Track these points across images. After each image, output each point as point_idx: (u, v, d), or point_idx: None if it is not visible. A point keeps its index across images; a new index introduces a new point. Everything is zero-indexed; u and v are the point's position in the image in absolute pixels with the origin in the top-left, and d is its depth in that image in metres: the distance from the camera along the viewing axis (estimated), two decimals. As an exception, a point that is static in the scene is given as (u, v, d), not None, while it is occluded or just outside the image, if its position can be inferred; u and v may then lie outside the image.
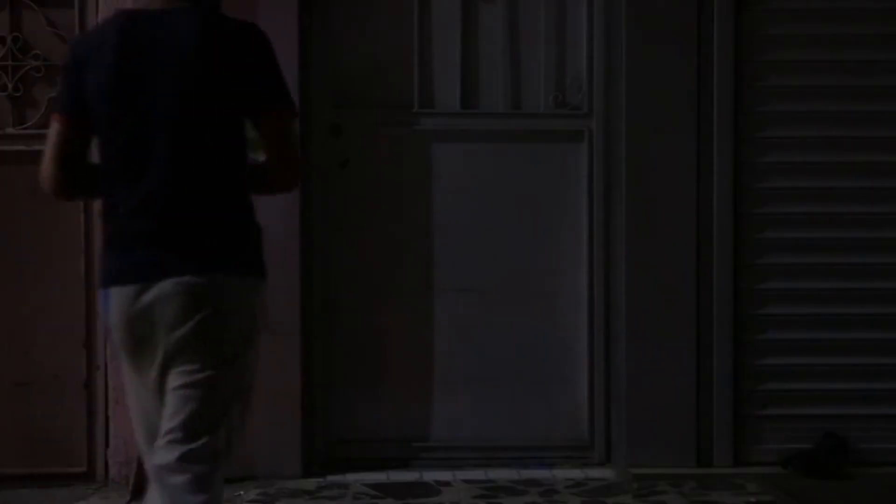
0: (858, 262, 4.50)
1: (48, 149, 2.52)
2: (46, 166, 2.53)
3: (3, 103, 4.34)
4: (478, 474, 4.39)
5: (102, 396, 4.32)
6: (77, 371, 4.33)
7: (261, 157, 2.52)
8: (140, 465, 4.17)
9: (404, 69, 4.62)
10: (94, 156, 2.59)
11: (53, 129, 2.52)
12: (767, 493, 4.14)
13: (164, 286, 2.42)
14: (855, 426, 4.45)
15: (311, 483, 4.30)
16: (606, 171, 4.50)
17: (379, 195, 4.65)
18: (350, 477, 4.34)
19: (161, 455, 2.47)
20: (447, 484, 4.27)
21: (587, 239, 4.55)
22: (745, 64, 4.44)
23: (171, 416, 2.47)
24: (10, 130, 4.34)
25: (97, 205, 3.09)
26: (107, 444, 4.33)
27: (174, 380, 2.47)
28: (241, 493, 4.17)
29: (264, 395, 4.25)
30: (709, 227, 4.41)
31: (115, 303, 2.49)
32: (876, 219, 4.50)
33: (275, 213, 4.28)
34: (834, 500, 4.16)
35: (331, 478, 4.36)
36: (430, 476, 4.33)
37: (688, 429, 4.41)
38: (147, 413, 2.56)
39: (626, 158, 4.41)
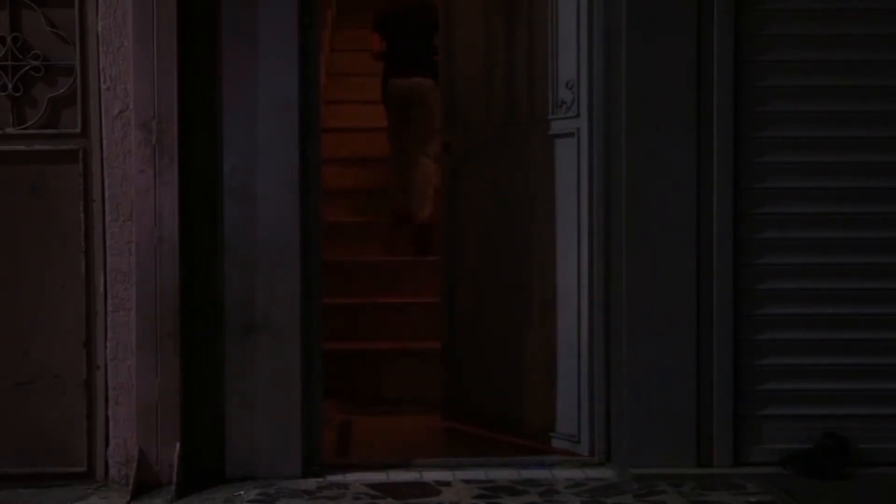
0: (859, 262, 4.49)
1: None
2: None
3: (3, 103, 4.33)
4: (478, 474, 4.38)
5: (102, 396, 4.32)
6: (77, 371, 4.33)
7: None
8: (140, 464, 4.18)
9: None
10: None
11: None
12: (767, 493, 4.14)
13: None
14: (855, 426, 4.45)
15: (311, 483, 4.30)
16: (606, 171, 4.49)
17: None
18: (350, 477, 4.34)
19: None
20: (447, 484, 4.26)
21: (588, 238, 4.55)
22: (745, 64, 4.44)
23: None
24: (10, 130, 4.33)
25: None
26: (107, 444, 4.33)
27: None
28: (242, 493, 4.17)
29: (264, 395, 4.32)
30: (709, 228, 4.41)
31: None
32: (876, 219, 4.49)
33: (275, 217, 4.33)
34: (833, 501, 4.16)
35: (331, 478, 4.36)
36: (430, 476, 4.33)
37: (688, 429, 4.41)
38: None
39: (626, 158, 4.40)
